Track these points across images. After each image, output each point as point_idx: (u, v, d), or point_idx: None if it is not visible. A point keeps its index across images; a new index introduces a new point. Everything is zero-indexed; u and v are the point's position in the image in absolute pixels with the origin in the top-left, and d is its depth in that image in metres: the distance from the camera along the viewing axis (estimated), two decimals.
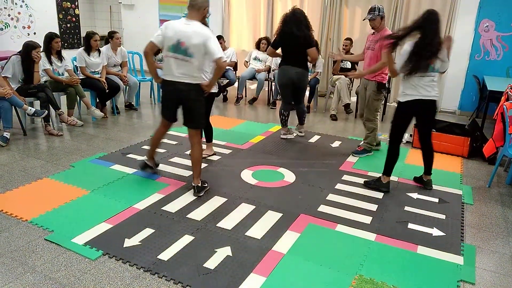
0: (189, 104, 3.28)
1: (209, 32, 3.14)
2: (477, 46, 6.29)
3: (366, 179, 3.77)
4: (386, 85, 4.36)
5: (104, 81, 5.62)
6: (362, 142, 4.62)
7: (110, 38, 5.84)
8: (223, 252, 2.62)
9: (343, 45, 6.42)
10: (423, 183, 3.73)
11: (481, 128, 5.02)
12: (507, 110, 3.66)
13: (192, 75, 3.19)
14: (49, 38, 5.18)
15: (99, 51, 5.61)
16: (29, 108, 4.69)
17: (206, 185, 3.51)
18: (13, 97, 4.57)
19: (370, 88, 4.32)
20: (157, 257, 2.54)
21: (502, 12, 6.03)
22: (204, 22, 3.26)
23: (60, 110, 5.12)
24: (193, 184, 3.42)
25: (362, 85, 4.52)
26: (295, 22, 4.51)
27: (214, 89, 4.01)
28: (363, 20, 4.41)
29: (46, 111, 4.81)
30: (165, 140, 4.71)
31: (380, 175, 3.67)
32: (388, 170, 3.60)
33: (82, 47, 5.55)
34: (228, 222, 2.99)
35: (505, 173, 4.19)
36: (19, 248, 2.61)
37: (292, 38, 4.52)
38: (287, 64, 4.68)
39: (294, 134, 5.13)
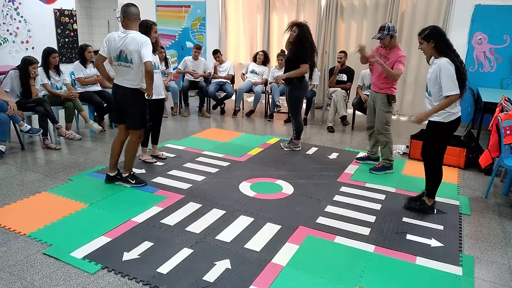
0: (124, 107, 3.63)
1: (145, 38, 3.45)
2: (471, 58, 6.39)
3: (406, 204, 3.57)
4: (395, 97, 4.28)
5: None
6: (380, 159, 4.50)
7: None
8: (223, 265, 2.61)
9: (338, 57, 6.49)
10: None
11: (476, 139, 5.07)
12: (502, 121, 3.71)
13: (131, 80, 3.51)
14: (47, 53, 5.22)
15: (93, 63, 5.64)
16: (25, 125, 4.71)
17: (133, 181, 3.79)
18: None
19: (379, 101, 4.25)
20: (156, 270, 2.54)
21: (494, 25, 6.14)
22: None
23: (58, 124, 5.14)
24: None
25: (370, 98, 4.48)
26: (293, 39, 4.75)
27: (161, 96, 4.39)
28: (372, 39, 4.36)
29: (41, 130, 4.83)
30: (163, 153, 4.72)
31: (417, 195, 3.64)
32: (434, 193, 3.45)
33: (78, 60, 5.60)
34: (227, 235, 2.99)
35: (501, 184, 4.22)
36: (17, 262, 2.60)
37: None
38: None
39: (300, 148, 5.16)
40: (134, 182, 3.80)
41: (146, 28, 4.03)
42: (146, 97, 3.63)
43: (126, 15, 3.48)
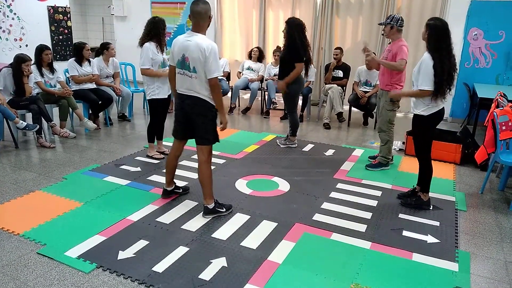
0: (194, 119, 3.09)
1: (213, 45, 2.91)
2: (467, 54, 6.39)
3: (403, 200, 3.57)
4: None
5: (119, 87, 5.87)
6: (378, 155, 4.48)
7: (105, 49, 5.83)
8: (219, 263, 2.60)
9: (334, 54, 6.47)
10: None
11: (472, 135, 5.07)
12: (498, 116, 3.70)
13: (196, 91, 2.99)
14: (39, 50, 5.17)
15: (89, 61, 5.60)
16: (21, 121, 4.66)
17: (223, 210, 3.26)
18: (5, 109, 4.55)
19: (383, 98, 4.24)
20: (152, 269, 2.52)
21: (490, 21, 6.14)
22: None
23: (53, 122, 5.09)
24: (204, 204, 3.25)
25: (378, 95, 4.47)
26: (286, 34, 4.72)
27: (161, 95, 4.25)
28: (378, 24, 4.43)
29: (38, 126, 4.78)
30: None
31: (410, 189, 3.66)
32: (427, 187, 3.46)
33: (73, 58, 5.53)
34: (223, 233, 2.98)
35: (497, 179, 4.23)
36: (11, 262, 2.57)
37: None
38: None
39: (296, 145, 5.14)
40: (224, 210, 3.26)
41: (161, 24, 4.14)
42: (221, 128, 3.17)
43: (192, 14, 2.97)
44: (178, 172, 4.10)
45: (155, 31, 4.17)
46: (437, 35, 3.14)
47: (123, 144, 5.07)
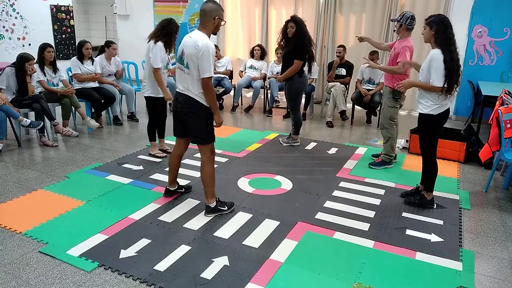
0: (186, 118, 3.06)
1: (207, 44, 2.87)
2: (471, 51, 6.34)
3: (406, 199, 3.55)
4: (404, 94, 4.16)
5: (116, 84, 5.87)
6: (381, 153, 4.47)
7: (107, 47, 5.84)
8: (220, 262, 2.59)
9: (337, 52, 6.44)
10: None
11: (476, 133, 5.04)
12: (502, 114, 3.67)
13: (189, 89, 2.97)
14: (42, 48, 5.17)
15: (92, 60, 5.61)
16: (25, 119, 4.67)
17: (225, 208, 3.25)
18: (8, 108, 4.55)
19: (386, 95, 4.24)
20: (154, 268, 2.51)
21: (494, 18, 6.09)
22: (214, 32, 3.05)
23: (55, 121, 5.10)
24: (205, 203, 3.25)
25: (383, 92, 4.47)
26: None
27: (157, 94, 4.25)
28: (391, 21, 4.42)
29: (42, 123, 4.79)
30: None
31: (413, 188, 3.65)
32: (432, 186, 3.43)
33: (76, 56, 5.54)
34: (225, 231, 2.97)
35: (501, 178, 4.19)
36: (13, 261, 2.57)
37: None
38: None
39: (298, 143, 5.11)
40: (226, 208, 3.25)
41: (173, 26, 4.22)
42: (215, 127, 3.13)
43: (200, 11, 2.98)
44: (180, 170, 4.10)
45: (167, 31, 4.21)
46: (444, 26, 3.11)
47: (125, 143, 5.07)
